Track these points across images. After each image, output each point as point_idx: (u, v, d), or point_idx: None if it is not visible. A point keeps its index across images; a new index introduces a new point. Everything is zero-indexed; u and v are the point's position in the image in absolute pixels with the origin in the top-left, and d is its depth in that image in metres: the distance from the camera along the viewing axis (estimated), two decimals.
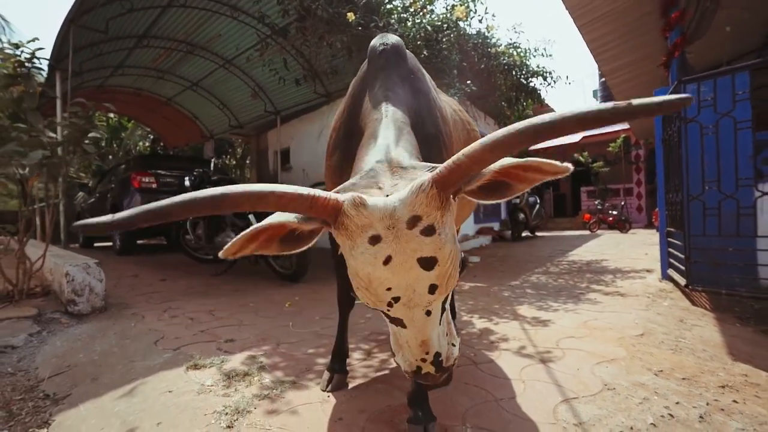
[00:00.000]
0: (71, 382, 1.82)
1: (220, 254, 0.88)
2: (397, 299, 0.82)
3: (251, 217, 4.18)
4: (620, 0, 4.74)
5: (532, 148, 15.04)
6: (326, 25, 4.54)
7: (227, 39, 7.06)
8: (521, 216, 8.96)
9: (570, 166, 0.79)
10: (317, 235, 0.91)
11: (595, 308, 2.97)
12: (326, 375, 1.71)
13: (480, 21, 5.40)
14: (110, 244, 7.69)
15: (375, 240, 0.78)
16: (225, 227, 4.51)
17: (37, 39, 3.21)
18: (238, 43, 7.08)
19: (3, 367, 2.02)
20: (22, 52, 2.93)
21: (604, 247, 7.29)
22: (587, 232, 10.88)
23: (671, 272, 3.76)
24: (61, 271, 2.75)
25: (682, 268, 3.24)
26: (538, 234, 10.70)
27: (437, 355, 0.87)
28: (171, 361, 1.96)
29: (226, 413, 1.44)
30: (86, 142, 2.81)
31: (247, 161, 16.62)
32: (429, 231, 0.78)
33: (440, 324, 0.89)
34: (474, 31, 5.59)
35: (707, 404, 1.54)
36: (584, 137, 14.03)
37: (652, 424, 1.40)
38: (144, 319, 2.70)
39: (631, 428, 1.37)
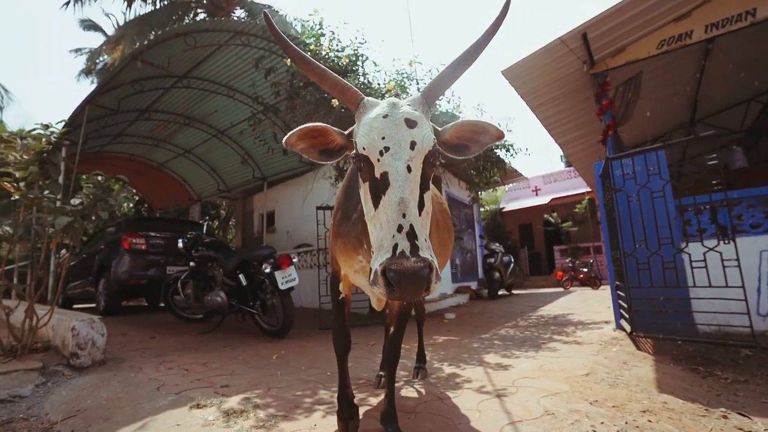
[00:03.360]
0: (85, 422, 2.05)
1: (284, 141, 1.32)
2: (387, 149, 1.13)
3: (241, 276, 4.49)
4: (564, 87, 5.63)
5: (511, 208, 15.97)
6: (313, 106, 5.23)
7: (223, 114, 7.77)
8: (496, 275, 9.43)
9: (504, 129, 1.34)
10: (343, 153, 1.36)
11: (552, 354, 3.32)
12: (340, 425, 1.74)
13: (448, 102, 6.24)
14: (92, 305, 7.70)
15: (380, 109, 1.23)
16: (215, 286, 4.77)
17: (64, 120, 3.70)
18: (232, 117, 7.79)
19: (15, 414, 2.22)
20: (51, 133, 3.40)
21: (574, 302, 7.73)
22: (561, 289, 11.36)
23: (623, 322, 4.19)
24: (67, 326, 2.98)
25: (627, 317, 3.68)
26: (515, 292, 11.12)
27: (413, 230, 1.01)
28: (175, 402, 2.21)
29: None
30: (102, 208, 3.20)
31: (231, 222, 16.94)
32: (414, 110, 1.23)
33: (419, 213, 1.08)
34: (444, 110, 6.41)
35: (626, 423, 1.90)
36: (553, 199, 15.04)
37: None
38: (142, 370, 2.92)
39: None
